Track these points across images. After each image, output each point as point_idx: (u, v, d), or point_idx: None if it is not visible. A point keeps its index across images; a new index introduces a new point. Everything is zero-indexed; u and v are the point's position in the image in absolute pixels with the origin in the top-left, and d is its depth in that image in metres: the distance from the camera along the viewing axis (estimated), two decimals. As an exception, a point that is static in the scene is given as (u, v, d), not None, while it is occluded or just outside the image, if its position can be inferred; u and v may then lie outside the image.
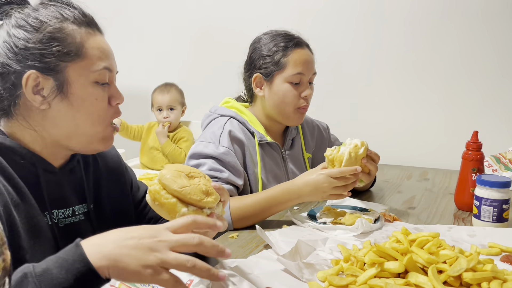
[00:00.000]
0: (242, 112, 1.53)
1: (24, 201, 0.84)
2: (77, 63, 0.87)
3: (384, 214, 1.30)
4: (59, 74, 0.86)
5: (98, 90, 0.90)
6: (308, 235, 1.17)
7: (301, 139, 1.66)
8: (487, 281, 0.83)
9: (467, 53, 2.19)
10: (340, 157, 1.22)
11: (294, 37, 1.50)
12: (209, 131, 1.47)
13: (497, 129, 2.15)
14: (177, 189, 0.80)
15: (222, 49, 2.65)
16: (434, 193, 1.65)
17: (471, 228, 1.24)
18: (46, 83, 0.86)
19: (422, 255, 0.87)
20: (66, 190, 0.94)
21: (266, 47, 1.49)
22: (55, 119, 0.88)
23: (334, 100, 2.40)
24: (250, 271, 0.94)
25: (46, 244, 0.86)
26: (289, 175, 1.59)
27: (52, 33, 0.85)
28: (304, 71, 1.47)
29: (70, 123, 0.89)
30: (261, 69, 1.49)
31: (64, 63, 0.86)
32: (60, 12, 0.88)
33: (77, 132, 0.89)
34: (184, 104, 2.68)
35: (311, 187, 1.24)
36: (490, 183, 1.23)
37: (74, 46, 0.87)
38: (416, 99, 2.30)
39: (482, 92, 2.18)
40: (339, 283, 0.87)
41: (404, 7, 2.26)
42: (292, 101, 1.48)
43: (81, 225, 0.96)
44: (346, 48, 2.37)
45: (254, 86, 1.52)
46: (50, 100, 0.86)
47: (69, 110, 0.88)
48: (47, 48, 0.85)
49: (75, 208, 0.95)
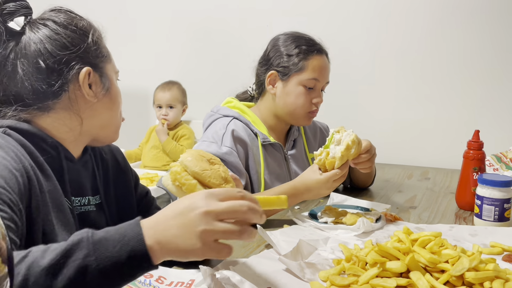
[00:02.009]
0: (245, 113, 1.53)
1: (50, 182, 0.87)
2: (109, 63, 1.01)
3: (385, 214, 1.30)
4: (103, 72, 0.98)
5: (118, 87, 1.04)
6: (309, 234, 1.17)
7: (303, 139, 1.66)
8: (490, 280, 0.83)
9: (468, 53, 2.18)
10: (331, 162, 1.22)
11: (317, 43, 1.52)
12: (211, 131, 1.47)
13: (498, 128, 2.14)
14: (199, 171, 0.82)
15: (223, 49, 2.65)
16: (435, 192, 1.65)
17: (472, 228, 1.24)
18: (96, 80, 0.96)
19: (424, 255, 0.87)
20: (83, 180, 1.00)
21: (287, 47, 1.50)
22: (98, 111, 0.98)
23: (336, 99, 2.38)
24: (251, 271, 0.94)
25: (69, 225, 0.89)
26: (292, 175, 1.59)
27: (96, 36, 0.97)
28: (320, 78, 1.49)
29: (108, 115, 1.00)
30: (278, 67, 1.50)
31: (104, 63, 0.98)
32: (88, 21, 0.98)
33: (111, 123, 1.01)
34: (185, 103, 2.68)
35: (313, 194, 1.28)
36: (492, 182, 1.22)
37: (106, 50, 1.00)
38: (417, 98, 2.29)
39: (483, 91, 2.18)
40: (341, 282, 0.87)
41: (407, 5, 2.25)
42: (303, 105, 1.49)
43: (93, 215, 1.00)
44: (348, 46, 2.37)
45: (267, 82, 1.52)
46: (98, 94, 0.96)
47: (110, 103, 0.99)
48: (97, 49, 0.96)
49: (90, 198, 1.01)
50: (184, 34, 2.75)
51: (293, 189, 1.27)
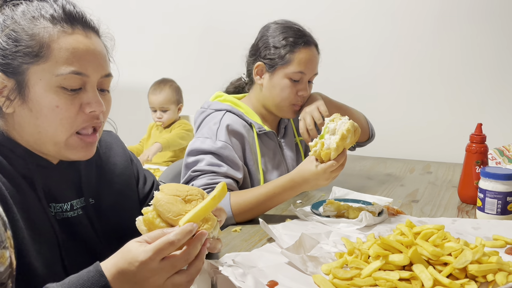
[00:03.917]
0: (237, 105, 1.53)
1: (20, 194, 0.82)
2: (39, 65, 0.80)
3: (387, 207, 1.30)
4: (20, 76, 0.81)
5: (61, 97, 0.81)
6: (311, 228, 1.17)
7: (292, 124, 1.67)
8: (493, 273, 0.83)
9: (471, 46, 2.17)
10: (327, 153, 1.17)
11: (305, 34, 1.49)
12: (205, 127, 1.46)
13: (500, 122, 2.14)
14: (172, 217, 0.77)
15: (223, 47, 2.64)
16: (438, 186, 1.65)
17: (475, 221, 1.23)
18: (9, 85, 0.81)
19: (427, 248, 0.87)
20: (62, 185, 0.92)
21: (275, 38, 1.48)
22: (20, 124, 0.83)
23: (338, 93, 2.38)
24: (253, 265, 0.94)
25: (45, 236, 0.85)
26: (287, 162, 1.60)
27: (16, 32, 0.80)
28: (306, 71, 1.47)
29: (33, 130, 0.83)
30: (265, 58, 1.49)
31: (26, 65, 0.80)
32: (39, 8, 0.82)
33: (42, 140, 0.84)
34: (180, 101, 2.65)
35: (311, 185, 1.24)
36: (495, 176, 1.22)
37: (38, 47, 0.80)
38: (419, 92, 2.29)
39: (486, 85, 2.17)
40: (344, 275, 0.87)
41: (411, 1, 2.24)
42: (288, 97, 1.48)
43: (79, 220, 0.93)
44: (352, 41, 2.36)
45: (254, 73, 1.51)
46: (14, 104, 0.81)
47: (30, 116, 0.82)
48: (8, 48, 0.80)
49: (73, 203, 0.93)
50: (186, 30, 2.75)
51: (291, 182, 1.25)
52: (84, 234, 0.93)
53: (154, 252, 0.69)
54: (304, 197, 1.48)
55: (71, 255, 0.89)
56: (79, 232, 0.93)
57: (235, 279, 0.82)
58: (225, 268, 0.86)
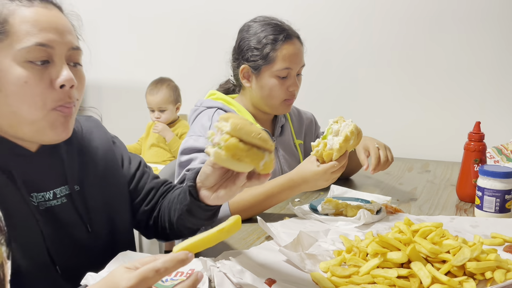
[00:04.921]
0: (229, 103, 1.52)
1: None
2: (2, 42, 0.78)
3: (386, 206, 1.30)
4: None
5: (29, 71, 0.79)
6: (309, 226, 1.17)
7: (290, 126, 1.66)
8: (491, 270, 0.83)
9: (469, 45, 2.17)
10: (329, 154, 1.17)
11: (284, 28, 1.46)
12: (198, 125, 1.45)
13: (498, 120, 2.14)
14: (257, 137, 0.75)
15: (221, 44, 2.63)
16: (436, 184, 1.65)
17: (473, 219, 1.23)
18: None
19: (426, 245, 0.87)
20: (44, 173, 0.90)
21: (255, 38, 1.45)
22: None
23: (335, 91, 2.39)
24: (252, 262, 0.94)
25: (27, 228, 0.84)
26: (281, 162, 1.58)
27: None
28: (292, 66, 1.45)
29: (6, 111, 0.80)
30: (249, 61, 1.46)
31: None
32: None
33: (18, 121, 0.81)
34: (178, 101, 2.64)
35: (311, 185, 1.23)
36: (493, 174, 1.22)
37: None
38: (417, 90, 2.29)
39: (484, 83, 2.17)
40: (342, 273, 0.86)
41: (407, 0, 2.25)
42: (279, 95, 1.47)
43: (63, 208, 0.91)
44: (348, 39, 2.36)
45: (241, 77, 1.50)
46: None
47: (0, 96, 0.79)
48: None
49: (56, 191, 0.91)
50: (185, 28, 2.74)
51: (290, 181, 1.24)
52: (70, 222, 0.91)
53: (137, 280, 0.64)
54: (303, 195, 1.48)
55: (56, 245, 0.87)
56: (64, 220, 0.90)
57: (233, 275, 0.82)
58: (223, 265, 0.86)
